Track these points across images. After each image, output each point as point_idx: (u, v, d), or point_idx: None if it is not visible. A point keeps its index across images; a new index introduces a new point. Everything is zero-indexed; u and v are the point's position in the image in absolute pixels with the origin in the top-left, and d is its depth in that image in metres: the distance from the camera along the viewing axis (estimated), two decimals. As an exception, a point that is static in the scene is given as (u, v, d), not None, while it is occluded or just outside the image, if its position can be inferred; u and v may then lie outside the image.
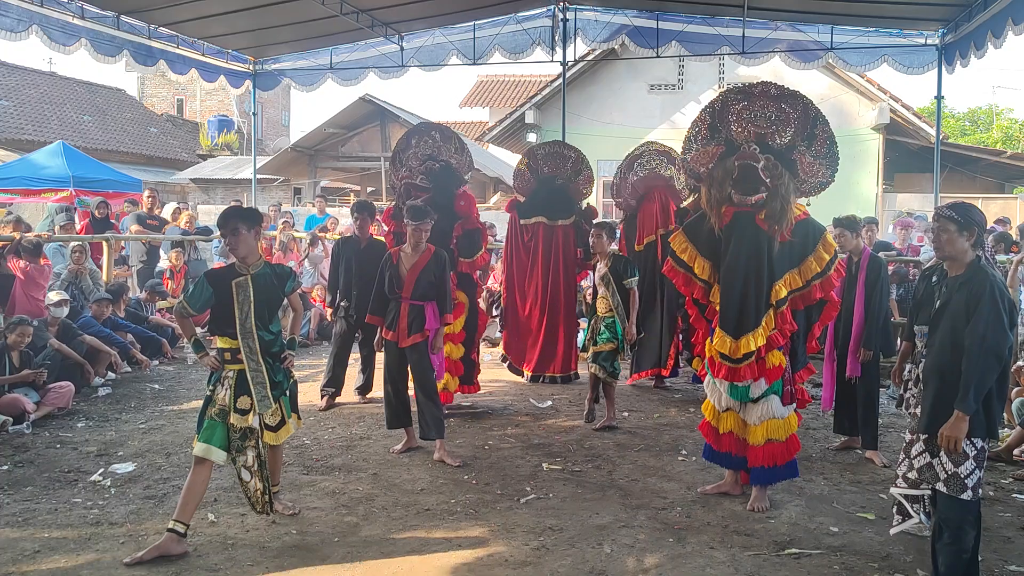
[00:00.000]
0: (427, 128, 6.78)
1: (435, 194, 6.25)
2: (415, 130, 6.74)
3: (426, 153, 6.50)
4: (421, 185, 6.29)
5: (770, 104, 4.50)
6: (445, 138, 6.62)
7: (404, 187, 6.38)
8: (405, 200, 6.15)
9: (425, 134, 6.63)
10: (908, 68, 9.76)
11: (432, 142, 6.56)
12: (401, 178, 6.48)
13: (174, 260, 10.18)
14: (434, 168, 6.38)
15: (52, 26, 8.24)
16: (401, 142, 6.65)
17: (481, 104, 26.80)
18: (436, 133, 6.65)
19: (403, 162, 6.56)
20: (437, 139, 6.59)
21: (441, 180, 6.36)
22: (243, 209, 4.20)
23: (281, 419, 4.16)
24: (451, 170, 6.47)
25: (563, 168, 7.71)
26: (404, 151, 6.58)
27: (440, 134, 6.65)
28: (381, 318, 5.44)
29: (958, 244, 3.33)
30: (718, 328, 4.47)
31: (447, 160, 6.49)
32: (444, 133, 6.68)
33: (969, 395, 3.14)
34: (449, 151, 6.56)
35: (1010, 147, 26.92)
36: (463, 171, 6.60)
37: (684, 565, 3.75)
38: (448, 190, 6.36)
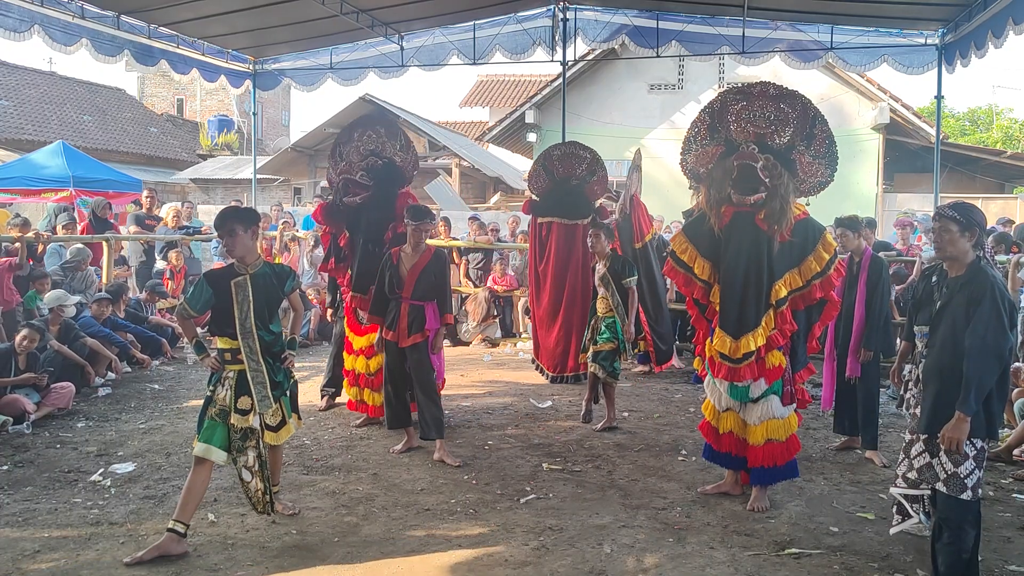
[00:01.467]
0: (372, 122, 6.32)
1: (375, 193, 5.92)
2: (359, 123, 6.30)
3: (369, 148, 6.07)
4: (361, 182, 5.92)
5: (769, 104, 4.50)
6: (391, 134, 6.19)
7: (342, 183, 5.98)
8: (342, 197, 5.89)
9: (369, 128, 6.18)
10: (908, 68, 9.77)
11: (376, 137, 6.11)
12: (340, 172, 6.04)
13: (174, 260, 10.18)
14: (376, 165, 5.98)
15: (53, 26, 8.25)
16: (343, 134, 6.24)
17: (481, 104, 26.81)
18: (382, 128, 6.21)
19: (343, 156, 6.13)
20: (382, 134, 6.15)
21: (383, 179, 5.98)
22: (239, 210, 4.19)
23: (282, 419, 4.16)
24: (394, 168, 6.07)
25: (578, 169, 7.76)
26: (345, 144, 6.16)
27: (386, 129, 6.22)
28: (381, 318, 5.45)
29: (960, 245, 3.33)
30: (718, 328, 4.47)
31: (391, 158, 6.08)
32: (391, 129, 6.26)
33: (970, 396, 3.14)
34: (394, 148, 6.12)
35: (1010, 147, 26.91)
36: (407, 171, 6.16)
37: (684, 565, 3.75)
38: (390, 190, 5.99)
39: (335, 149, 6.20)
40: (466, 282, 10.64)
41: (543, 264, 7.67)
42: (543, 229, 7.72)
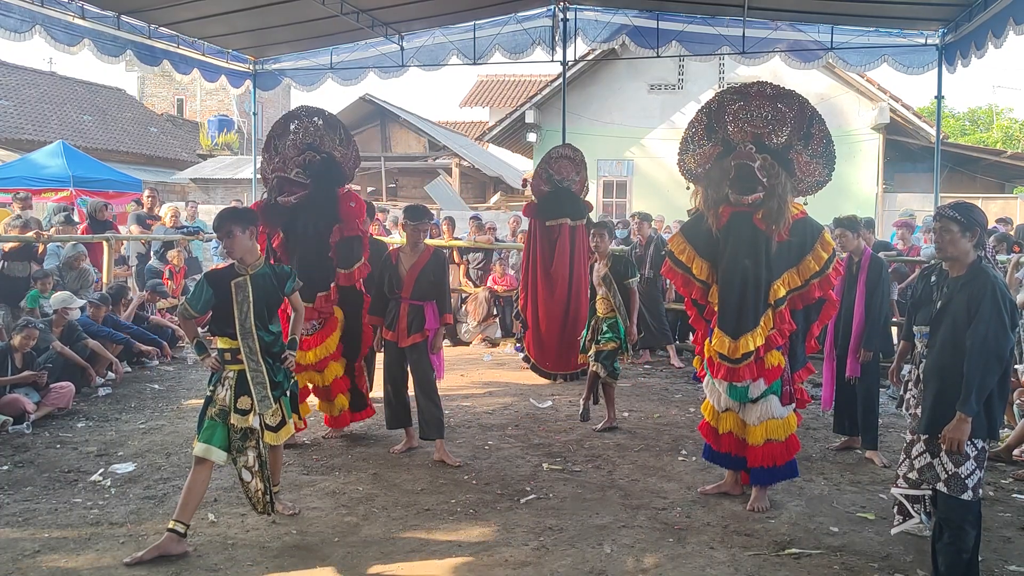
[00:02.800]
0: (309, 113, 5.73)
1: (314, 191, 5.48)
2: (294, 114, 5.77)
3: (306, 142, 5.59)
4: (296, 179, 5.47)
5: (766, 104, 4.50)
6: (330, 126, 5.71)
7: (277, 180, 5.53)
8: (277, 196, 5.45)
9: (306, 119, 5.68)
10: (908, 68, 9.77)
11: (314, 130, 5.65)
12: (274, 169, 5.58)
13: (175, 260, 10.18)
14: (314, 161, 5.52)
15: (55, 26, 8.27)
16: (277, 126, 5.74)
17: (481, 104, 26.82)
18: (319, 119, 5.70)
19: (278, 150, 5.64)
20: (320, 127, 5.67)
21: (322, 175, 5.53)
22: (238, 210, 4.18)
23: (281, 419, 4.16)
24: (334, 164, 5.61)
25: (570, 170, 7.79)
26: (280, 137, 5.67)
27: (324, 121, 5.70)
28: (381, 318, 5.45)
29: (960, 245, 3.33)
30: (717, 328, 4.47)
31: (330, 152, 5.61)
32: (329, 121, 5.73)
33: (971, 397, 3.14)
34: (333, 142, 5.65)
35: (1010, 147, 26.92)
36: (348, 166, 5.71)
37: (684, 565, 3.75)
38: (329, 188, 5.56)
39: (269, 143, 5.71)
40: (466, 282, 10.64)
41: (554, 265, 7.70)
42: (553, 231, 7.76)
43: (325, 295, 5.54)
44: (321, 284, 5.51)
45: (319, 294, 5.48)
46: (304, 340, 5.35)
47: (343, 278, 5.60)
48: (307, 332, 5.41)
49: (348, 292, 5.71)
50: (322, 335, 5.57)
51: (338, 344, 5.64)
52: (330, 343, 5.58)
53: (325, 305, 5.55)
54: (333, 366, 5.62)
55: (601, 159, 17.37)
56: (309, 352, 5.49)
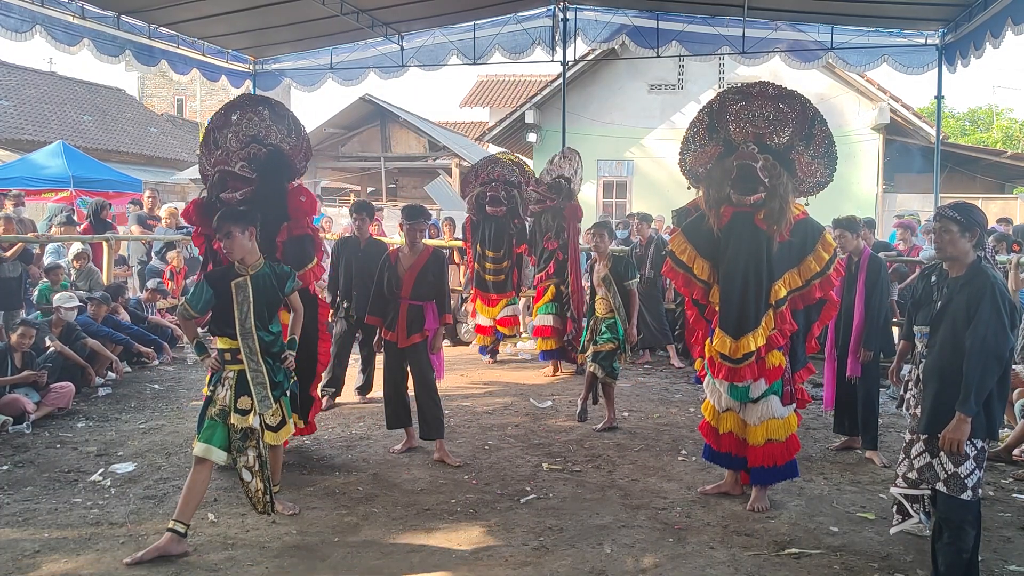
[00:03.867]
0: (253, 102, 5.27)
1: (260, 187, 4.97)
2: (236, 104, 5.25)
3: (250, 134, 5.09)
4: (241, 174, 4.96)
5: (768, 104, 4.50)
6: (277, 116, 5.20)
7: (218, 176, 5.02)
8: (219, 192, 4.93)
9: (251, 109, 5.18)
10: (908, 68, 9.78)
11: (259, 120, 5.15)
12: (215, 163, 5.07)
13: (175, 261, 10.19)
14: (260, 154, 5.02)
15: (55, 26, 8.28)
16: (218, 118, 5.20)
17: (481, 104, 26.82)
18: (265, 109, 5.19)
19: (218, 143, 5.13)
20: (266, 117, 5.17)
21: (268, 170, 5.03)
22: (235, 211, 4.16)
23: (282, 419, 4.16)
24: (282, 157, 5.11)
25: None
26: (221, 129, 5.15)
27: (271, 111, 5.20)
28: (380, 319, 5.45)
29: (960, 245, 3.33)
30: (718, 328, 4.47)
31: (277, 144, 5.11)
32: (276, 110, 5.23)
33: (970, 397, 3.14)
34: (280, 133, 5.18)
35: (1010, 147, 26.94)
36: (297, 159, 5.22)
37: (684, 565, 3.75)
38: (278, 183, 5.09)
39: (208, 135, 5.21)
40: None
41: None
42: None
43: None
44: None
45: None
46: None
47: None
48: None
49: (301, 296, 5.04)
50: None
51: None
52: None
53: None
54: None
55: (601, 159, 17.37)
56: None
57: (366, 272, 6.28)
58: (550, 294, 8.21)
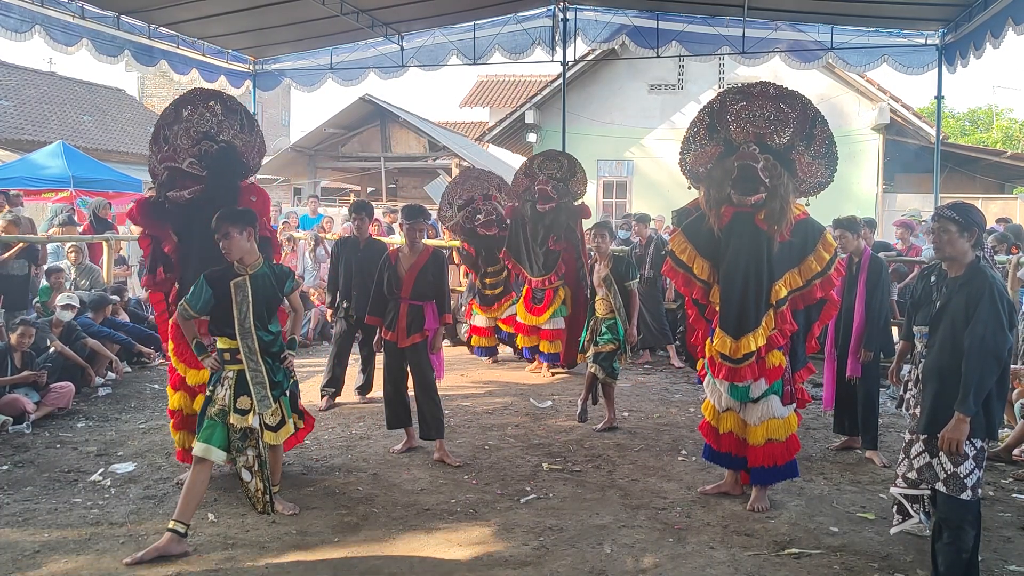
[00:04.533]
0: (204, 97, 4.95)
1: (210, 186, 4.71)
2: (186, 99, 4.94)
3: (201, 130, 4.83)
4: (191, 172, 4.71)
5: (769, 104, 4.50)
6: (229, 111, 4.94)
7: (167, 173, 4.75)
8: (167, 191, 4.67)
9: (202, 104, 4.90)
10: (908, 68, 9.77)
11: (211, 115, 4.89)
12: (163, 160, 4.79)
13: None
14: (211, 151, 4.77)
15: (54, 26, 8.27)
16: (167, 114, 4.92)
17: (481, 104, 26.82)
18: (216, 104, 4.92)
19: (167, 139, 4.84)
20: (218, 112, 4.91)
21: (219, 167, 4.78)
22: (234, 212, 4.15)
23: (281, 419, 4.17)
24: (234, 154, 4.86)
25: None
26: (171, 125, 4.86)
27: (222, 106, 4.93)
28: (380, 318, 5.45)
29: (959, 245, 3.33)
30: (718, 328, 4.47)
31: (229, 141, 4.88)
32: (228, 105, 4.96)
33: (969, 397, 3.14)
34: (233, 129, 4.92)
35: (1010, 147, 26.93)
36: (250, 156, 4.96)
37: (684, 565, 3.75)
38: (229, 182, 4.80)
39: (157, 132, 4.90)
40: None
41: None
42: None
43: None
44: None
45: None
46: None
47: None
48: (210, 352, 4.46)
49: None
50: None
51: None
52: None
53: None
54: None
55: (601, 159, 17.37)
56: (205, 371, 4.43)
57: (366, 272, 6.28)
58: (560, 297, 8.19)
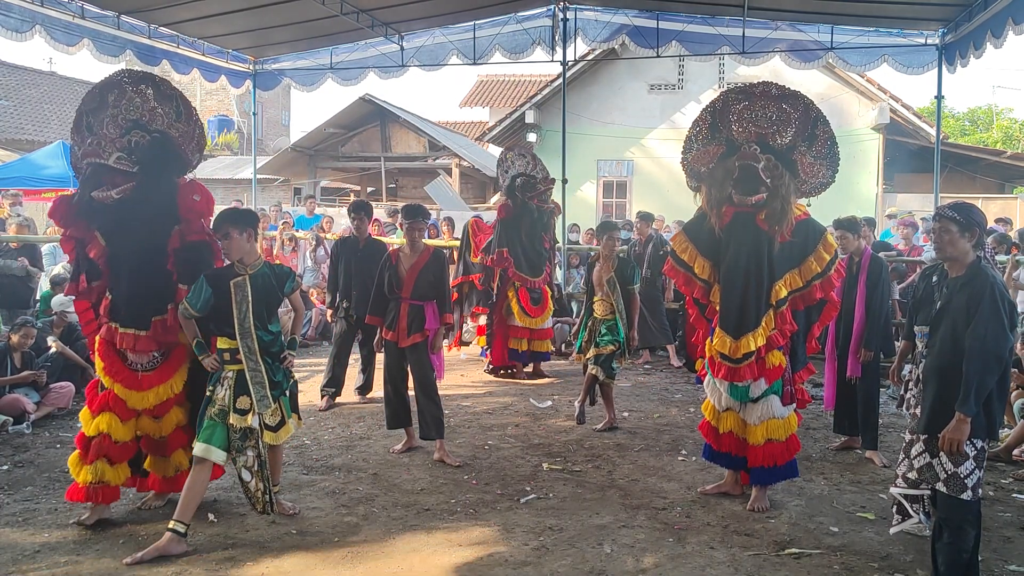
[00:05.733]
0: (134, 80, 4.30)
1: (143, 184, 4.14)
2: (113, 83, 4.29)
3: (131, 118, 4.23)
4: (118, 167, 4.13)
5: (771, 104, 4.50)
6: (163, 97, 4.32)
7: (91, 169, 4.18)
8: (92, 189, 4.12)
9: (131, 88, 4.26)
10: (908, 68, 9.77)
11: (141, 102, 4.27)
12: (86, 154, 4.20)
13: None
14: (142, 142, 4.20)
15: (55, 26, 8.27)
16: (90, 99, 4.28)
17: (481, 104, 26.80)
18: (149, 88, 4.29)
19: (91, 130, 4.23)
20: (150, 97, 4.29)
21: (152, 162, 4.20)
22: (234, 212, 4.16)
23: (281, 419, 4.16)
24: (169, 146, 4.28)
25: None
26: (96, 112, 4.24)
27: (155, 90, 4.31)
28: (381, 318, 5.45)
29: (959, 245, 3.33)
30: (718, 328, 4.47)
31: (164, 131, 4.29)
32: (162, 90, 4.33)
33: (970, 397, 3.14)
34: (168, 117, 4.32)
35: (1010, 147, 26.92)
36: (188, 149, 4.37)
37: (684, 565, 3.75)
38: (164, 178, 4.23)
39: (79, 119, 4.30)
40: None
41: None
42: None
43: (162, 320, 4.15)
44: (157, 305, 4.16)
45: (155, 319, 4.14)
46: (143, 377, 4.18)
47: (185, 296, 4.14)
48: (145, 367, 4.20)
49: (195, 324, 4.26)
50: (165, 371, 4.23)
51: (184, 384, 4.33)
52: (175, 382, 4.25)
53: (165, 333, 4.17)
54: (175, 412, 4.29)
55: (601, 159, 17.37)
56: (149, 392, 4.18)
57: (365, 272, 6.29)
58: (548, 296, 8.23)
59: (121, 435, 4.16)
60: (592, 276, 6.22)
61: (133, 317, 4.13)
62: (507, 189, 8.16)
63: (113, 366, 4.17)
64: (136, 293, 4.14)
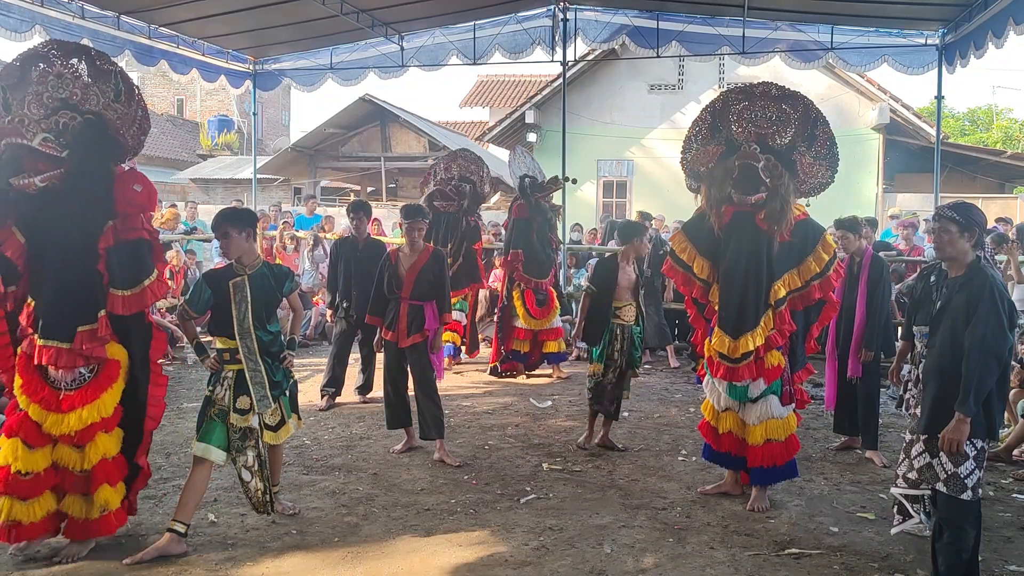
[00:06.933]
0: (64, 52, 3.75)
1: (73, 171, 3.63)
2: (39, 53, 3.73)
3: (59, 97, 3.70)
4: (44, 152, 3.61)
5: (771, 104, 4.51)
6: (99, 73, 3.77)
7: (9, 151, 3.61)
8: (11, 175, 3.58)
9: (59, 62, 3.72)
10: (908, 68, 9.76)
11: (72, 78, 3.73)
12: (3, 134, 3.62)
13: (174, 260, 10.19)
14: (73, 124, 3.68)
15: (54, 26, 8.27)
16: (10, 72, 3.70)
17: (481, 104, 26.80)
18: (82, 63, 3.75)
19: (8, 107, 3.67)
20: (83, 73, 3.74)
21: (84, 147, 3.68)
22: (234, 211, 4.17)
23: (281, 419, 4.16)
24: (104, 130, 3.75)
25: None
26: (16, 89, 3.68)
27: (89, 65, 3.75)
28: (381, 318, 5.45)
29: (959, 245, 3.33)
30: (717, 328, 4.47)
31: (99, 111, 3.74)
32: (98, 66, 3.78)
33: (970, 397, 3.14)
34: (105, 96, 3.77)
35: (1010, 147, 26.91)
36: (128, 132, 3.81)
37: (684, 565, 3.75)
38: (99, 166, 3.71)
39: None
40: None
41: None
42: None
43: (90, 330, 3.62)
44: (84, 313, 3.63)
45: (81, 329, 3.60)
46: (65, 397, 3.62)
47: (122, 303, 3.69)
48: (69, 386, 3.64)
49: (129, 325, 3.80)
50: (92, 390, 3.64)
51: (117, 405, 3.74)
52: (103, 403, 3.66)
53: (93, 345, 3.63)
54: (102, 441, 3.68)
55: (601, 159, 17.37)
56: (69, 415, 3.58)
57: (365, 272, 6.29)
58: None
59: (29, 465, 3.56)
60: (615, 280, 5.58)
61: (55, 327, 3.58)
62: (519, 190, 8.17)
63: (31, 384, 3.62)
64: (60, 299, 3.61)
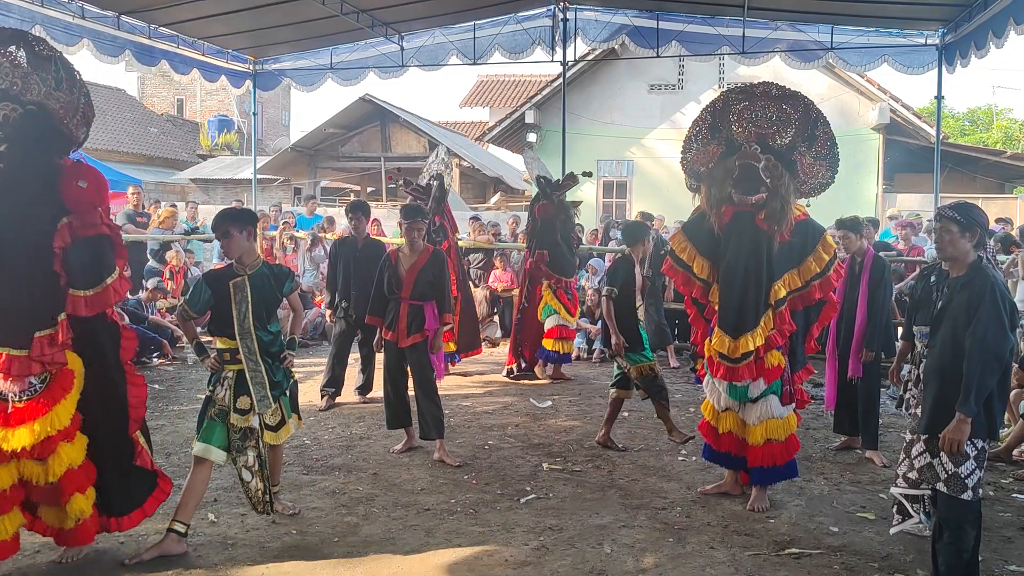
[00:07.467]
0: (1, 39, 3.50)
1: (13, 165, 3.42)
2: None
3: None
4: None
5: (771, 104, 4.51)
6: (39, 60, 3.53)
7: None
8: None
9: None
10: (908, 68, 9.77)
11: (11, 67, 3.47)
12: None
13: (174, 260, 10.19)
14: (12, 117, 3.43)
15: (54, 26, 8.28)
16: None
17: (481, 104, 26.82)
18: (20, 50, 3.50)
19: None
20: (21, 61, 3.50)
21: (25, 139, 3.44)
22: (234, 211, 4.18)
23: (281, 419, 4.16)
24: (47, 121, 3.51)
25: None
26: None
27: (29, 52, 3.51)
28: (380, 318, 5.45)
29: (960, 245, 3.33)
30: (717, 328, 4.47)
31: (40, 101, 3.50)
32: (37, 52, 3.53)
33: (970, 397, 3.14)
34: (46, 84, 3.53)
35: (1010, 147, 26.92)
36: (72, 123, 3.60)
37: (684, 565, 3.75)
38: (40, 159, 3.48)
39: None
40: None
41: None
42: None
43: (48, 336, 3.39)
44: (40, 318, 3.40)
45: (38, 335, 3.37)
46: (14, 410, 3.36)
47: (84, 304, 3.46)
48: (17, 398, 3.38)
49: (94, 327, 3.57)
50: (43, 402, 3.38)
51: (75, 414, 3.48)
52: (58, 415, 3.40)
53: (50, 352, 3.40)
54: (64, 451, 3.44)
55: (601, 159, 17.36)
56: (20, 429, 3.33)
57: (364, 272, 6.29)
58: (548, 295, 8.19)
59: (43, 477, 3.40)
60: (635, 281, 5.64)
61: (8, 332, 3.34)
62: (540, 190, 8.12)
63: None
64: (11, 303, 3.36)
